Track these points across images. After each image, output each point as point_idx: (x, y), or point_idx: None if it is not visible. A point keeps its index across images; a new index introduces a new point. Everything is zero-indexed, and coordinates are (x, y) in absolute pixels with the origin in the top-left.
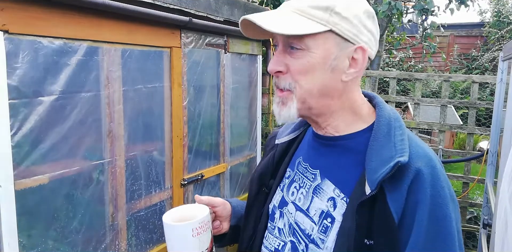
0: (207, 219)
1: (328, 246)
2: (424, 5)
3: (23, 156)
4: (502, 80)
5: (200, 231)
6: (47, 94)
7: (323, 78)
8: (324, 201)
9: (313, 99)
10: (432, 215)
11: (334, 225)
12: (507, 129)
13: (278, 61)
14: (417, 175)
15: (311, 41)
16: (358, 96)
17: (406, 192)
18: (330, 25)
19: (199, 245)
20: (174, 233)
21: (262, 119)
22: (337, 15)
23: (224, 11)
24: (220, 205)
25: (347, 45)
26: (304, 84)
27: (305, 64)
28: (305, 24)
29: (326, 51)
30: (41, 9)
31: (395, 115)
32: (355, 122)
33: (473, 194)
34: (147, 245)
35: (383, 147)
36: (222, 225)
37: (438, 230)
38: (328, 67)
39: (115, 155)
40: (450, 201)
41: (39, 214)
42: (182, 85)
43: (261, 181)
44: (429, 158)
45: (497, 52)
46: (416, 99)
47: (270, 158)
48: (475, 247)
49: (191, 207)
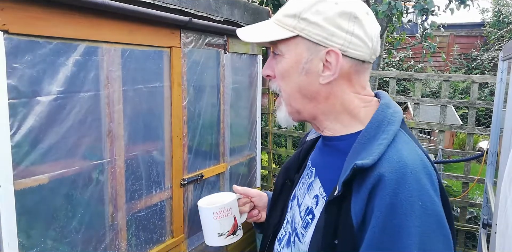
0: (229, 207)
1: (306, 241)
2: (424, 5)
3: (23, 156)
4: (502, 80)
5: (220, 215)
6: (47, 94)
7: (298, 81)
8: (311, 198)
9: (297, 102)
10: (387, 224)
11: (313, 222)
12: (507, 129)
13: (268, 66)
14: (379, 180)
15: (284, 47)
16: (355, 98)
17: (367, 197)
18: (297, 31)
19: (219, 227)
20: (201, 214)
21: (262, 119)
22: (304, 21)
23: (224, 11)
24: (256, 196)
25: (318, 49)
26: (284, 88)
27: (281, 68)
28: (275, 32)
29: (297, 55)
30: (41, 9)
31: (391, 119)
32: (352, 124)
33: (473, 194)
34: (147, 245)
35: (364, 149)
36: (261, 214)
37: (391, 241)
38: (301, 71)
39: (115, 155)
40: (418, 215)
41: (39, 214)
42: (182, 85)
43: (286, 174)
44: (402, 164)
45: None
46: (416, 99)
47: (298, 153)
48: (475, 247)
49: (225, 195)
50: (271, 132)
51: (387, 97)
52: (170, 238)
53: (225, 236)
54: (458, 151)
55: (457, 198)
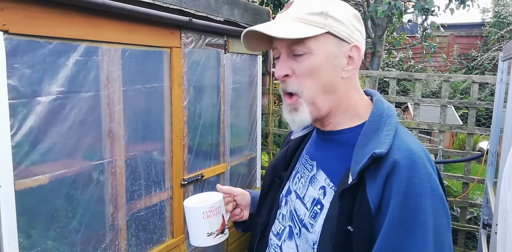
0: (217, 205)
1: (316, 230)
2: (424, 5)
3: (23, 156)
4: (502, 80)
5: (210, 215)
6: (47, 94)
7: (326, 77)
8: (316, 189)
9: (320, 99)
10: (405, 206)
11: (322, 211)
12: (507, 129)
13: (284, 66)
14: (394, 166)
15: (313, 44)
16: (355, 93)
17: (383, 183)
18: (327, 27)
19: (209, 226)
20: (189, 214)
21: (262, 119)
22: (331, 18)
23: (224, 11)
24: (239, 195)
25: (343, 45)
26: (309, 85)
27: (309, 65)
28: (306, 29)
29: (327, 51)
30: (41, 9)
31: (389, 113)
32: (352, 118)
33: (473, 194)
34: (147, 245)
35: (370, 141)
36: (243, 212)
37: (411, 220)
38: (330, 66)
39: (115, 155)
40: (429, 195)
41: (39, 214)
42: (182, 85)
43: (274, 172)
44: (410, 151)
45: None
46: (416, 99)
47: (284, 151)
48: (475, 247)
49: (209, 194)
50: (271, 132)
51: (377, 94)
52: (170, 238)
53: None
54: (458, 151)
55: (457, 198)
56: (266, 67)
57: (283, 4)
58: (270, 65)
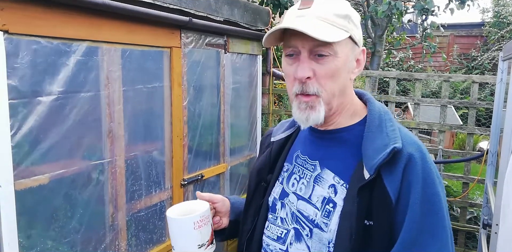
0: (207, 214)
1: (332, 228)
2: (424, 5)
3: (23, 156)
4: (502, 80)
5: (201, 224)
6: (47, 94)
7: (343, 79)
8: (325, 188)
9: (335, 100)
10: (424, 194)
11: (336, 209)
12: (507, 129)
13: (307, 68)
14: (410, 159)
15: (338, 47)
16: (353, 92)
17: (401, 175)
18: (350, 32)
19: (200, 237)
20: (177, 226)
21: (262, 119)
22: (352, 22)
23: (224, 11)
24: (220, 201)
25: (355, 48)
26: (329, 87)
27: (334, 68)
28: (335, 31)
29: (346, 54)
30: (41, 9)
31: (384, 110)
32: (353, 116)
33: (473, 194)
34: (147, 245)
35: (377, 137)
36: (222, 220)
37: (431, 206)
38: (347, 69)
39: (115, 155)
40: (438, 182)
41: (39, 214)
42: (182, 85)
43: (259, 176)
44: (418, 144)
45: (497, 52)
46: (416, 99)
47: (267, 154)
48: (475, 247)
49: (192, 203)
50: None
51: (366, 92)
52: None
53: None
54: (458, 151)
55: (457, 198)
56: (266, 67)
57: (283, 4)
58: (270, 65)
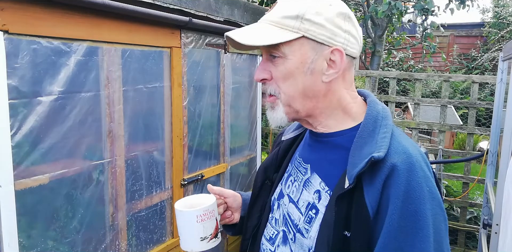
0: (212, 208)
1: (312, 235)
2: (424, 5)
3: (23, 156)
4: (502, 80)
5: (204, 218)
6: (47, 94)
7: (303, 82)
8: (311, 193)
9: (297, 102)
10: (404, 210)
11: (318, 216)
12: (507, 129)
13: (263, 70)
14: (392, 170)
15: (287, 49)
16: (347, 94)
17: (381, 187)
18: (302, 32)
19: (203, 230)
20: (182, 218)
21: (262, 119)
22: (307, 22)
23: (224, 11)
24: (230, 197)
25: (322, 48)
26: (286, 89)
27: (284, 70)
28: (278, 34)
29: (302, 56)
30: (41, 9)
31: (384, 114)
32: (345, 120)
33: (473, 194)
34: (147, 245)
35: (366, 143)
36: (234, 215)
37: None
38: (306, 71)
39: (115, 155)
40: (428, 198)
41: (39, 214)
42: (182, 85)
43: (265, 174)
44: (408, 155)
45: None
46: (416, 99)
47: (275, 153)
48: (475, 247)
49: (201, 196)
50: (271, 132)
51: (371, 94)
52: (171, 238)
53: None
54: (458, 151)
55: (457, 198)
56: None
57: None
58: None
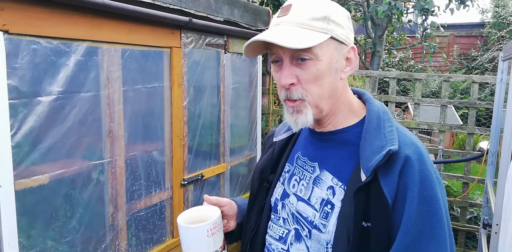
0: (220, 220)
1: (330, 229)
2: (424, 5)
3: (23, 156)
4: (502, 80)
5: (214, 232)
6: (47, 94)
7: (329, 82)
8: (324, 190)
9: (324, 102)
10: (421, 196)
11: (334, 211)
12: (507, 129)
13: (289, 75)
14: (406, 161)
15: (319, 50)
16: (349, 92)
17: (398, 177)
18: (330, 33)
19: (213, 244)
20: (190, 234)
21: (262, 119)
22: (333, 23)
23: (224, 11)
24: (227, 205)
25: (342, 47)
26: (314, 91)
27: (316, 72)
28: (312, 36)
29: (330, 56)
30: (41, 9)
31: (383, 109)
32: (349, 117)
33: (473, 194)
34: (147, 245)
35: (375, 138)
36: (229, 223)
37: (428, 209)
38: (333, 71)
39: (115, 155)
40: (437, 184)
41: (39, 214)
42: (182, 85)
43: (262, 177)
44: (416, 146)
45: (497, 53)
46: (416, 99)
47: (269, 154)
48: (475, 247)
49: (202, 209)
50: None
51: (366, 92)
52: (171, 238)
53: None
54: (458, 151)
55: (457, 198)
56: (266, 67)
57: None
58: (270, 65)
